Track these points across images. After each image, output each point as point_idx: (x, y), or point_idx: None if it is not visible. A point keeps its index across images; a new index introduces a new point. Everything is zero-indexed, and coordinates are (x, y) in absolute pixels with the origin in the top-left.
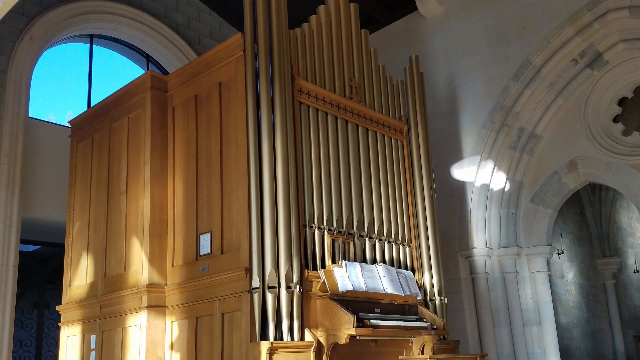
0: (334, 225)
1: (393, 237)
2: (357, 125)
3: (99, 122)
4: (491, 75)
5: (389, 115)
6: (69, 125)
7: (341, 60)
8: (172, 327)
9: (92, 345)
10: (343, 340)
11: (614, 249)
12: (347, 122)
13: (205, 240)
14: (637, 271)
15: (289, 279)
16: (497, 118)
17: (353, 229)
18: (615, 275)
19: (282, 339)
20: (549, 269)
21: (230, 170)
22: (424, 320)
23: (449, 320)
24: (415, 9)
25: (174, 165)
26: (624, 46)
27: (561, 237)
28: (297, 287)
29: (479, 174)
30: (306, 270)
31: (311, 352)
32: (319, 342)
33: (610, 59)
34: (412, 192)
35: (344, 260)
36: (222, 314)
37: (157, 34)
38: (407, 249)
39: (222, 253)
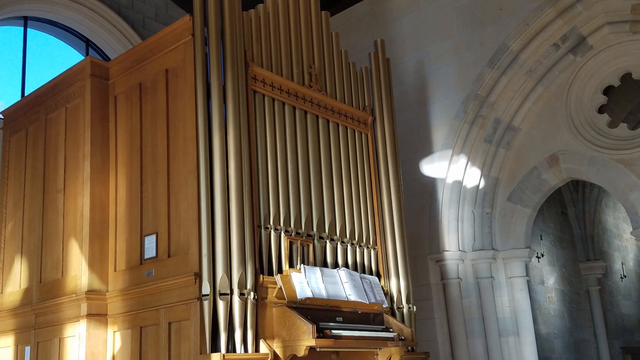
0: (292, 226)
1: (357, 239)
2: (317, 117)
3: (33, 112)
4: (464, 62)
5: (352, 106)
6: (0, 116)
7: (299, 45)
8: (114, 338)
9: (27, 358)
10: (302, 352)
11: (599, 252)
12: (306, 112)
13: (150, 242)
14: (624, 276)
15: (242, 284)
16: (470, 108)
17: (313, 230)
18: (601, 281)
19: (234, 351)
20: (527, 274)
21: (178, 166)
22: (391, 330)
23: (418, 330)
24: None
25: (116, 161)
26: (609, 29)
27: (541, 239)
28: (251, 293)
29: (451, 169)
30: (261, 276)
31: None
32: (275, 354)
33: (595, 44)
34: (378, 189)
35: (302, 265)
36: (169, 324)
37: (97, 16)
38: (372, 252)
39: (169, 256)
